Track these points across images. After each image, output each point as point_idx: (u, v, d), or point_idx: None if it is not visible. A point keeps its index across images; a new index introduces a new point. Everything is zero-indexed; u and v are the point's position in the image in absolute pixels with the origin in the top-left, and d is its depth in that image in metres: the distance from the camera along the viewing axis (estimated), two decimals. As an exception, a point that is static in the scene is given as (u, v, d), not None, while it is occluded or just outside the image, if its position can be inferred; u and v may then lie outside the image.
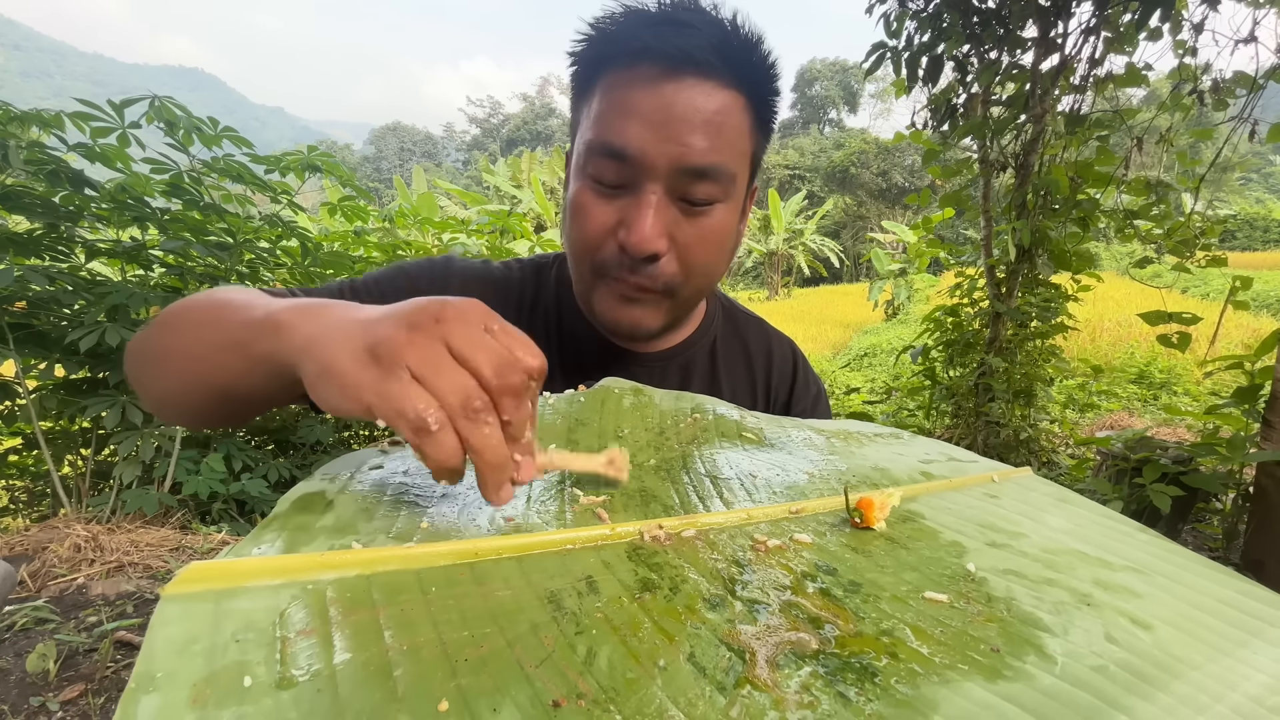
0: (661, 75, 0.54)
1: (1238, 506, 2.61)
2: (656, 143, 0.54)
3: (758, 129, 0.61)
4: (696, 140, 0.54)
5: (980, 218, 3.85)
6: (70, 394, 2.66)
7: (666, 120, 0.54)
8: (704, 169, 0.55)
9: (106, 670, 1.77)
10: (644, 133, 0.54)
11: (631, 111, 0.54)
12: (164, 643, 0.27)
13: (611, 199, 0.58)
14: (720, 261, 0.63)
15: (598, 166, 0.57)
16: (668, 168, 0.55)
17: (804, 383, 0.81)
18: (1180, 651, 0.32)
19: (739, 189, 0.61)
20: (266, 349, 0.43)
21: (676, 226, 0.58)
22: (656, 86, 0.54)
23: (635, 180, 0.56)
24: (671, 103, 0.53)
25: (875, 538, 0.42)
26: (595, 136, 0.56)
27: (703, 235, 0.59)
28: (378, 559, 0.35)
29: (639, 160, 0.55)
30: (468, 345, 0.35)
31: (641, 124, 0.54)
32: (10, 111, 2.36)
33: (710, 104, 0.55)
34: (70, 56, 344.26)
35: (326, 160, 2.91)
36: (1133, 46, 3.26)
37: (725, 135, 0.56)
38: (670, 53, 0.53)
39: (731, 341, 0.79)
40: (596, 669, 0.29)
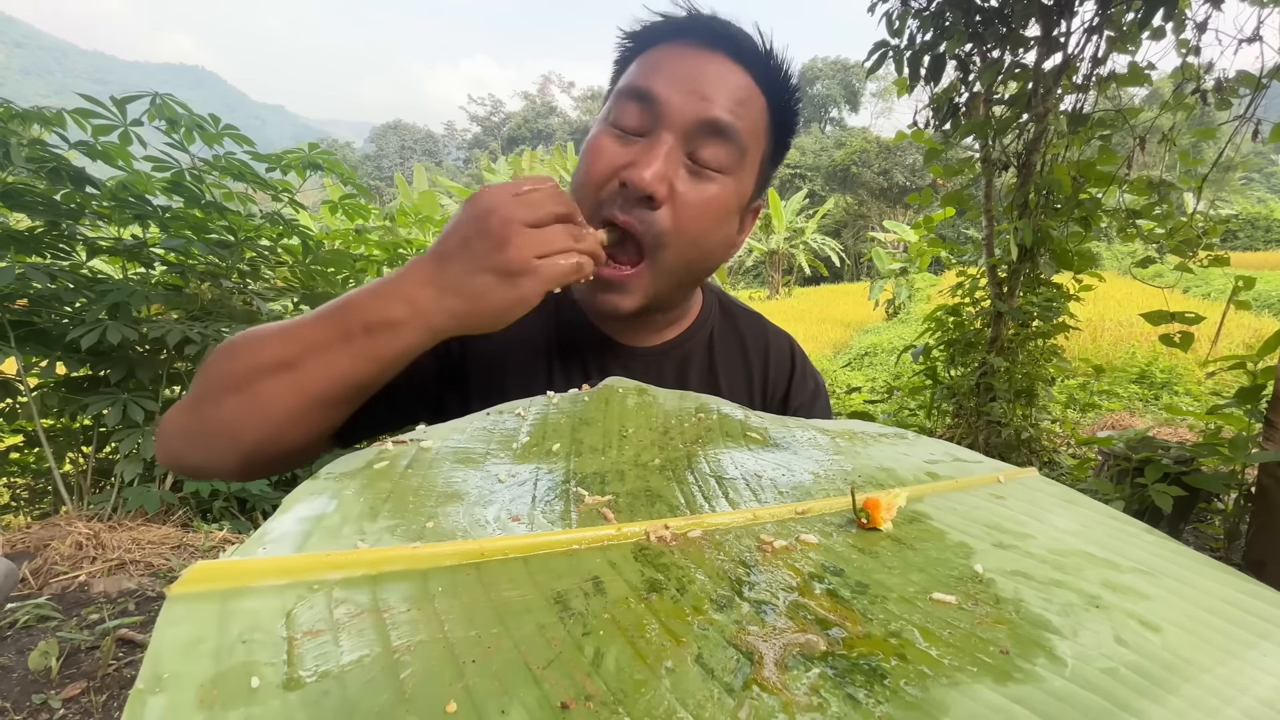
0: (699, 46, 0.59)
1: (1239, 507, 2.61)
2: (683, 94, 0.57)
3: (772, 136, 0.64)
4: (720, 100, 0.58)
5: (982, 217, 3.85)
6: (71, 392, 2.66)
7: (697, 79, 0.58)
8: (722, 125, 0.58)
9: (108, 668, 1.78)
10: (673, 84, 0.58)
11: (665, 67, 0.59)
12: (170, 643, 0.27)
13: (627, 144, 0.59)
14: (710, 236, 0.63)
15: (621, 110, 0.59)
16: (688, 120, 0.58)
17: (801, 377, 0.81)
18: (1189, 654, 0.32)
19: (745, 171, 0.62)
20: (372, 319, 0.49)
21: (681, 180, 0.59)
22: (693, 52, 0.58)
23: (654, 127, 0.58)
24: (704, 67, 0.58)
25: (882, 538, 0.42)
26: (626, 84, 0.60)
27: (702, 197, 0.60)
28: (383, 559, 0.34)
29: (663, 105, 0.57)
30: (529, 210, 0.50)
31: (671, 77, 0.58)
32: (12, 109, 2.36)
33: (738, 80, 0.59)
34: (71, 54, 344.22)
35: (327, 158, 2.91)
36: (1135, 45, 3.25)
37: (746, 110, 0.59)
38: (710, 29, 0.59)
39: (728, 336, 0.79)
40: (604, 670, 0.29)
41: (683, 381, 0.74)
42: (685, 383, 0.74)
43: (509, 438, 0.53)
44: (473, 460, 0.49)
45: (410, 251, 3.89)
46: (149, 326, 2.53)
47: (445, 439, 0.52)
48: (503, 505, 0.42)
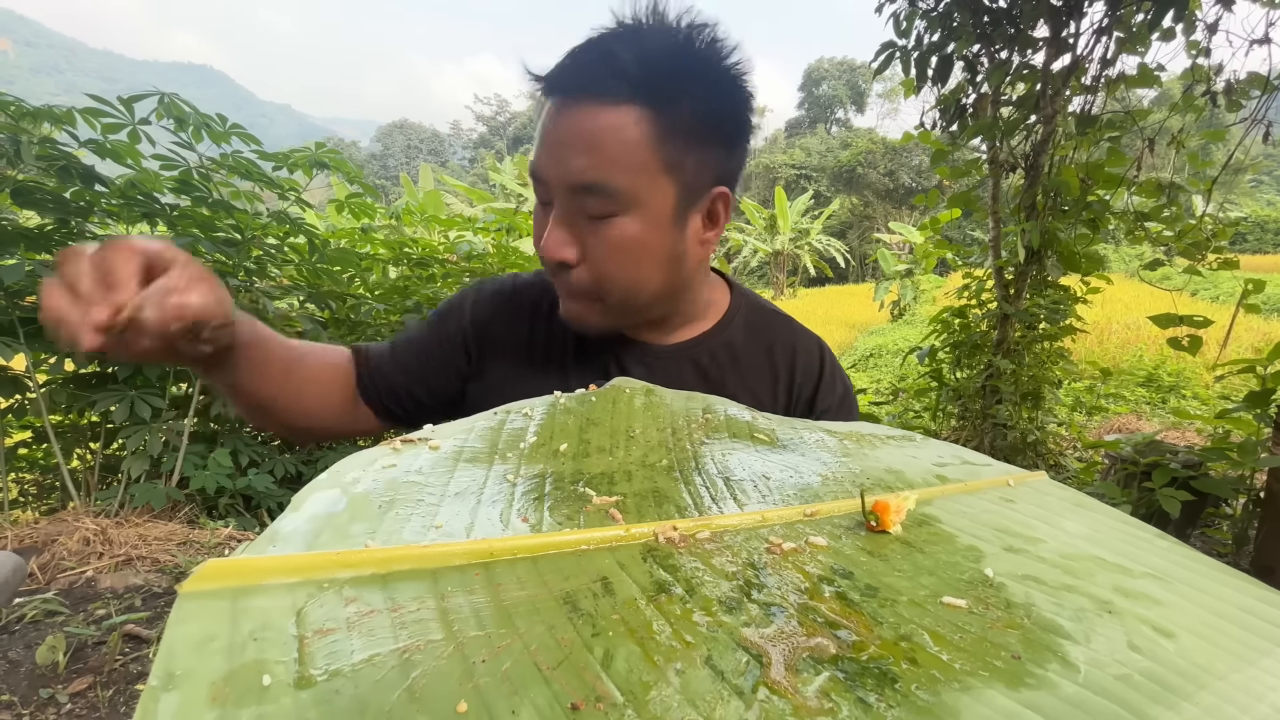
0: (560, 104, 0.61)
1: (1248, 512, 2.59)
2: (550, 165, 0.62)
3: (679, 145, 0.62)
4: (576, 160, 0.60)
5: (989, 219, 3.83)
6: (79, 388, 2.67)
7: (555, 143, 0.61)
8: (586, 185, 0.61)
9: (115, 663, 1.79)
10: (544, 156, 0.62)
11: (542, 138, 0.63)
12: (182, 640, 0.27)
13: (546, 212, 0.65)
14: (638, 269, 0.65)
15: (538, 192, 0.65)
16: (561, 186, 0.62)
17: (830, 380, 0.80)
18: (1204, 660, 0.32)
19: (643, 198, 0.62)
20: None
21: (587, 237, 0.63)
22: (555, 114, 0.61)
23: (549, 197, 0.64)
24: (561, 128, 0.61)
25: (891, 541, 0.42)
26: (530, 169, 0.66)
27: (607, 245, 0.63)
28: (393, 558, 0.34)
29: (545, 181, 0.63)
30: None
31: (544, 149, 0.62)
32: (22, 108, 2.37)
33: (593, 124, 0.59)
34: (81, 53, 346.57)
35: (334, 157, 2.92)
36: (1145, 47, 3.23)
37: (608, 152, 0.60)
38: (565, 82, 0.61)
39: (755, 337, 0.79)
40: (614, 671, 0.29)
41: (699, 381, 0.74)
42: (706, 380, 0.75)
43: (516, 437, 0.53)
44: (481, 460, 0.49)
45: (415, 250, 3.90)
46: (156, 324, 2.54)
47: (453, 438, 0.52)
48: (511, 505, 0.42)
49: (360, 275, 3.71)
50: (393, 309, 3.58)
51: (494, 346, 0.77)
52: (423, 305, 3.54)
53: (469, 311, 0.79)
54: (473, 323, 0.78)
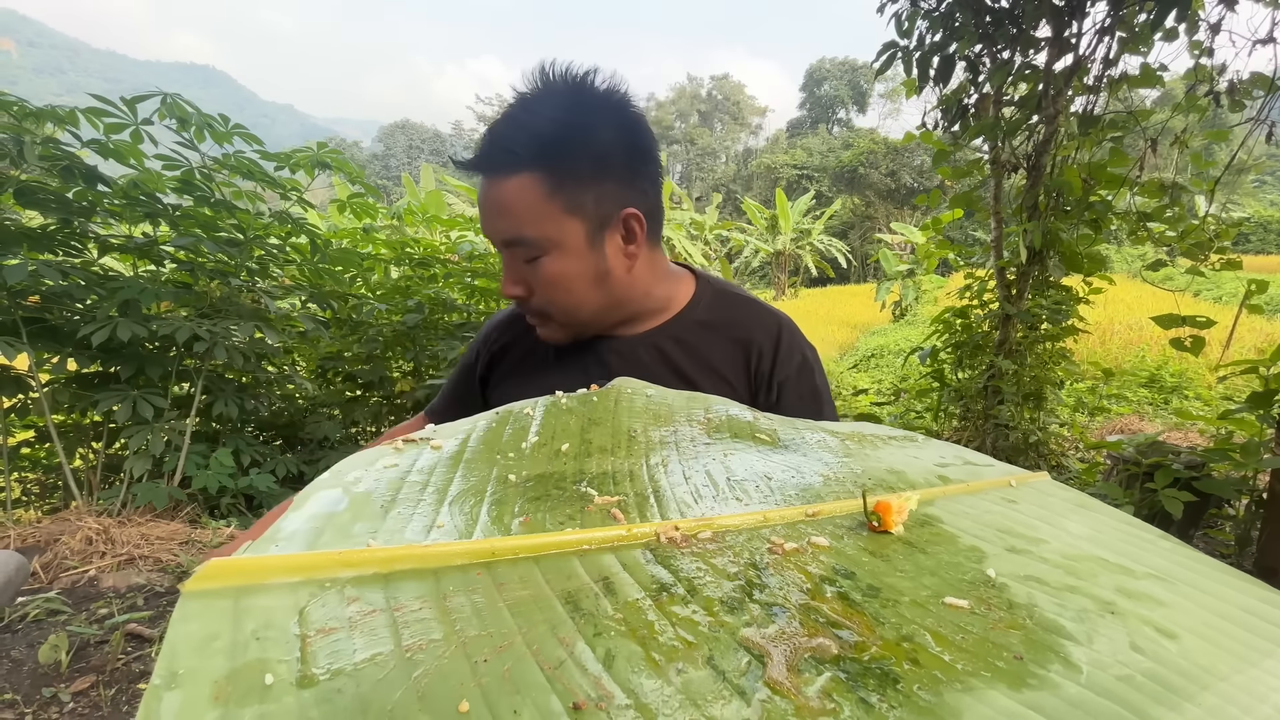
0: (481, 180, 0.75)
1: (1251, 513, 2.58)
2: (485, 227, 0.77)
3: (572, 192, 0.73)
4: (496, 223, 0.75)
5: (991, 219, 3.82)
6: (82, 388, 2.68)
7: (482, 211, 0.77)
8: (508, 240, 0.75)
9: (117, 662, 1.79)
10: (482, 219, 0.77)
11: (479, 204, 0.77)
12: (185, 639, 0.27)
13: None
14: (570, 294, 0.78)
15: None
16: (496, 242, 0.77)
17: (787, 351, 0.84)
18: (1206, 661, 0.32)
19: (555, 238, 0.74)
20: None
21: (528, 277, 0.77)
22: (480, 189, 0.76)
23: (503, 250, 0.78)
24: (482, 199, 0.76)
25: (893, 541, 0.42)
26: None
27: (542, 281, 0.76)
28: (395, 558, 0.34)
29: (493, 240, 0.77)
30: None
31: (480, 213, 0.77)
32: (25, 108, 2.38)
33: (500, 194, 0.73)
34: (84, 53, 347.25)
35: (336, 157, 2.92)
36: (1148, 47, 3.22)
37: (515, 213, 0.73)
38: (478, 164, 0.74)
39: (715, 321, 0.86)
40: (616, 671, 0.29)
41: (665, 361, 0.83)
42: (668, 362, 0.83)
43: (518, 437, 0.53)
44: (483, 460, 0.49)
45: (417, 250, 3.90)
46: (159, 324, 2.55)
47: (455, 438, 0.52)
48: (513, 505, 0.43)
49: (362, 275, 3.71)
50: (394, 309, 3.59)
51: (500, 358, 0.92)
52: (424, 305, 3.55)
53: (486, 332, 0.95)
54: (485, 340, 0.94)
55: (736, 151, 54.65)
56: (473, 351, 0.95)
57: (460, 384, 0.96)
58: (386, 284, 3.82)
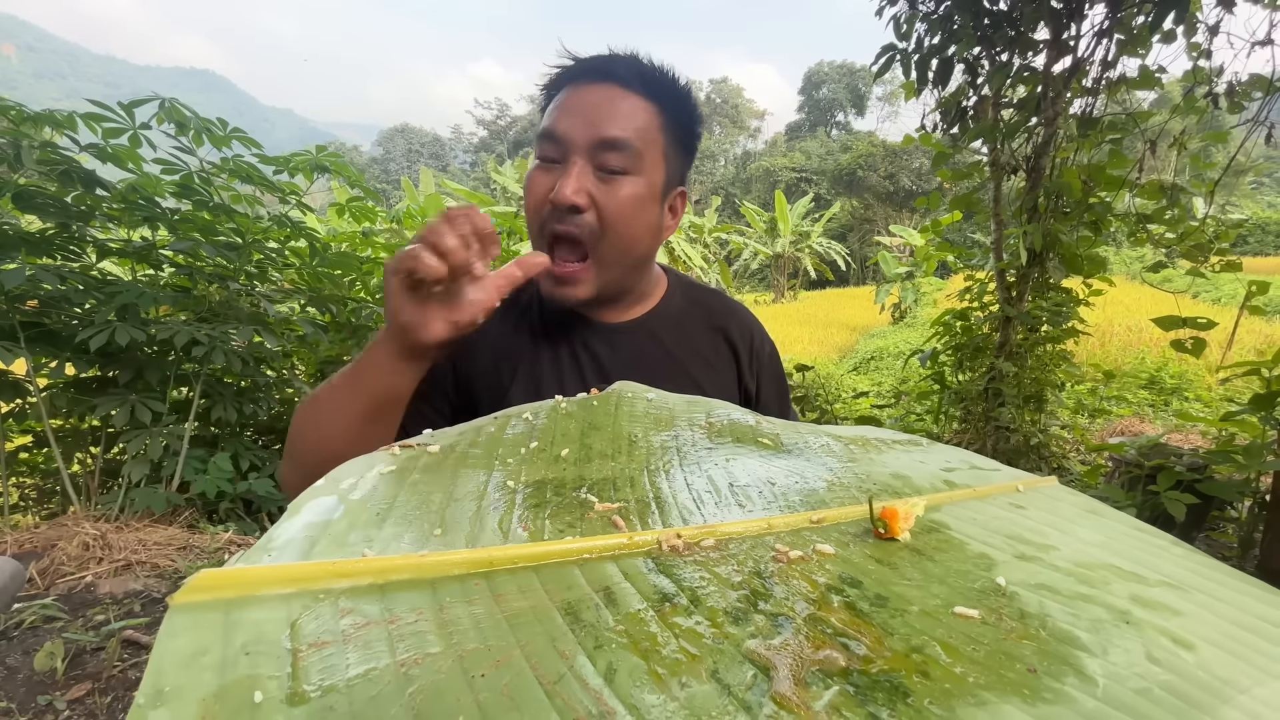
0: (586, 83, 0.74)
1: (1254, 515, 2.57)
2: (578, 125, 0.73)
3: (672, 138, 0.77)
4: (607, 121, 0.72)
5: (990, 221, 3.82)
6: (80, 392, 2.67)
7: (586, 108, 0.73)
8: (612, 140, 0.72)
9: (113, 669, 1.77)
10: (570, 118, 0.73)
11: (565, 107, 0.74)
12: (172, 655, 0.26)
13: (549, 172, 0.74)
14: (633, 223, 0.76)
15: (541, 148, 0.75)
16: (585, 142, 0.72)
17: (760, 340, 0.93)
18: (1225, 673, 0.31)
19: (649, 169, 0.75)
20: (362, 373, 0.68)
21: (596, 189, 0.73)
22: (581, 89, 0.74)
23: (564, 155, 0.73)
24: (591, 98, 0.73)
25: (900, 549, 0.41)
26: (541, 127, 0.75)
27: (616, 196, 0.73)
28: (390, 568, 0.34)
29: (565, 138, 0.72)
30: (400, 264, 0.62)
31: (569, 113, 0.73)
32: (24, 112, 2.38)
33: (622, 101, 0.73)
34: (83, 58, 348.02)
35: (335, 161, 2.92)
36: (1146, 49, 3.23)
37: (632, 122, 0.73)
38: (596, 67, 0.75)
39: (694, 308, 0.91)
40: (617, 686, 0.28)
41: (658, 345, 0.85)
42: (662, 347, 0.85)
43: (517, 442, 0.52)
44: (481, 466, 0.48)
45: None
46: (157, 328, 2.54)
47: (453, 444, 0.51)
48: (511, 512, 0.42)
49: (361, 279, 3.71)
50: (394, 312, 3.57)
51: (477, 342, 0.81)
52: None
53: None
54: None
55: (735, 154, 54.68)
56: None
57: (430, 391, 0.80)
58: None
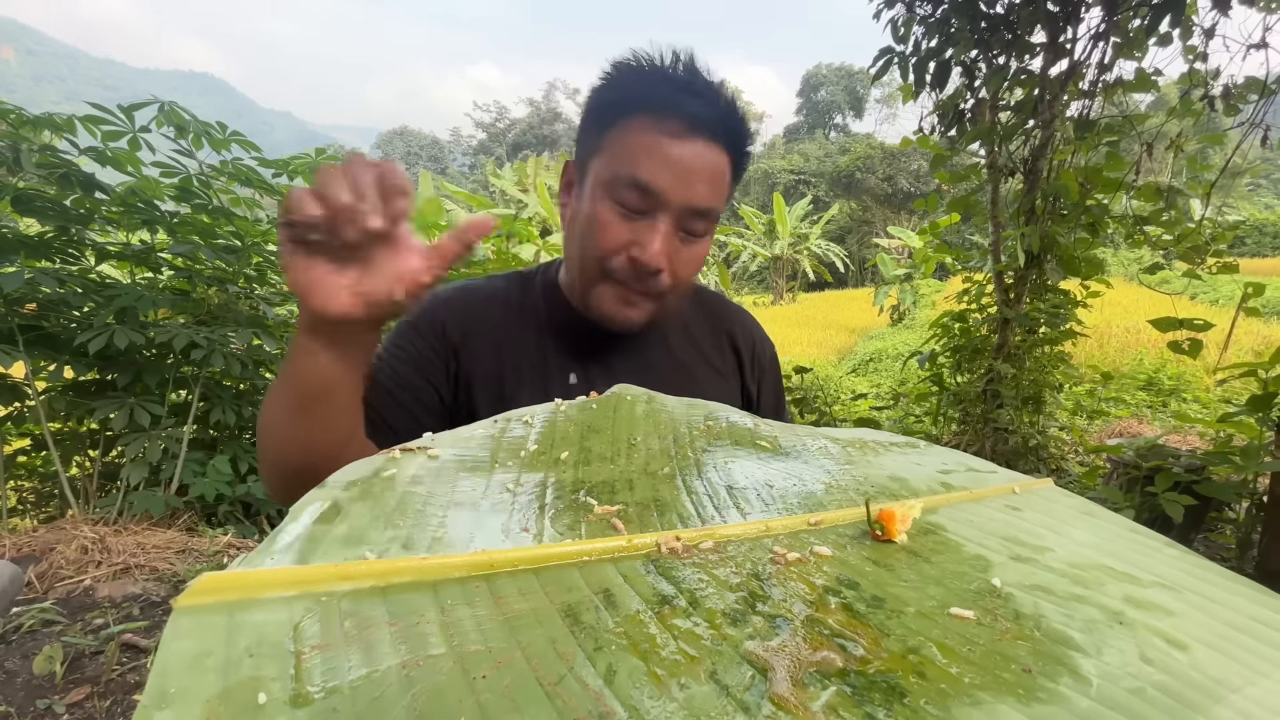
0: (684, 133, 0.69)
1: (1251, 516, 2.58)
2: (677, 187, 0.70)
3: (734, 183, 0.77)
4: (703, 189, 0.71)
5: (988, 223, 3.83)
6: (79, 395, 2.67)
7: (686, 171, 0.70)
8: (704, 210, 0.72)
9: (112, 673, 1.77)
10: (669, 177, 0.69)
11: (661, 158, 0.69)
12: (177, 657, 0.27)
13: (628, 221, 0.71)
14: (696, 276, 0.80)
15: (625, 195, 0.70)
16: (680, 207, 0.70)
17: (762, 344, 0.96)
18: (1218, 673, 0.31)
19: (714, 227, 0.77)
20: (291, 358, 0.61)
21: (675, 250, 0.73)
22: (680, 142, 0.69)
23: (652, 210, 0.70)
24: (691, 158, 0.70)
25: (897, 551, 0.41)
26: (628, 172, 0.70)
27: (692, 259, 0.75)
28: (392, 570, 0.34)
29: (661, 197, 0.70)
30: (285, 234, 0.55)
31: (668, 170, 0.69)
32: (22, 116, 2.38)
33: (714, 162, 0.72)
34: (82, 61, 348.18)
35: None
36: (1142, 52, 3.24)
37: (718, 186, 0.73)
38: (691, 116, 0.69)
39: (699, 315, 0.93)
40: (617, 687, 0.28)
41: (666, 352, 0.87)
42: (668, 348, 0.87)
43: (517, 446, 0.53)
44: (481, 469, 0.48)
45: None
46: (156, 331, 2.54)
47: (453, 447, 0.51)
48: (512, 515, 0.42)
49: (360, 282, 3.71)
50: (393, 315, 3.58)
51: (478, 343, 0.80)
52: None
53: (443, 313, 0.81)
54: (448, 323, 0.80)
55: (734, 157, 54.67)
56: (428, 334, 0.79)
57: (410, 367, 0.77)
58: (385, 290, 3.82)
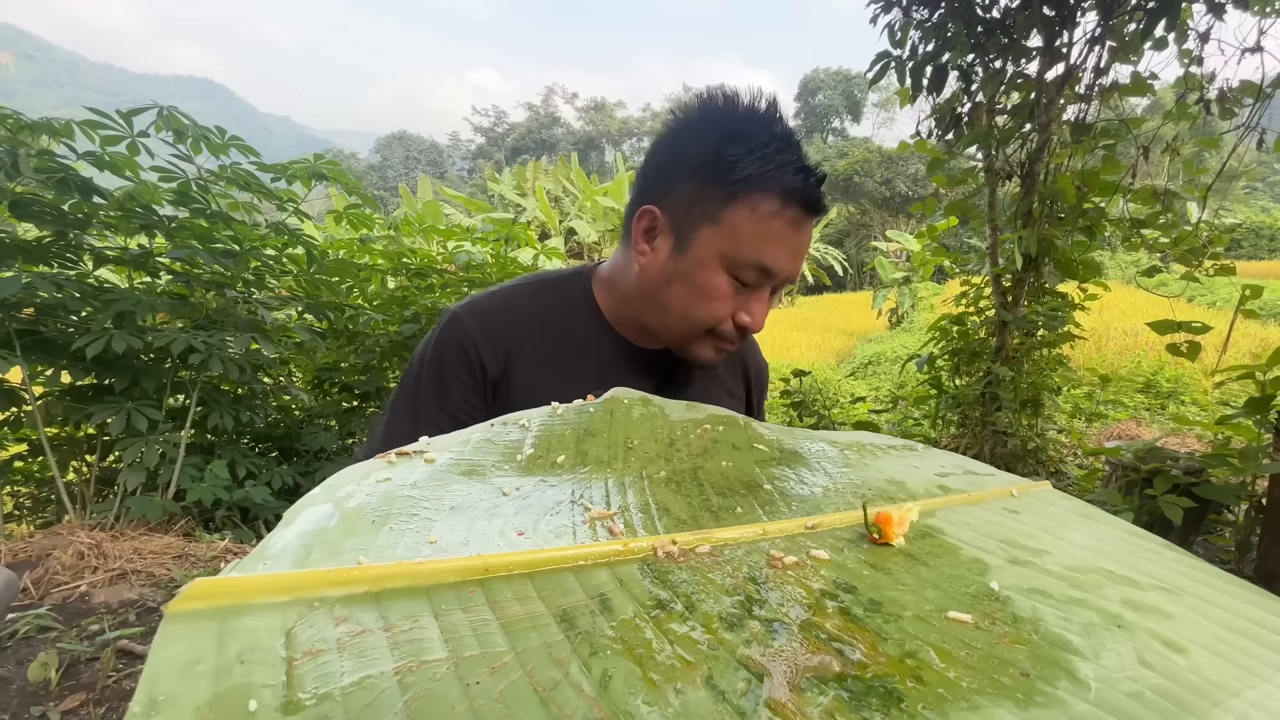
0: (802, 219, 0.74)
1: (1250, 518, 2.58)
2: (788, 267, 0.75)
3: None
4: (799, 264, 0.77)
5: (986, 226, 3.84)
6: (76, 400, 2.66)
7: (796, 254, 0.75)
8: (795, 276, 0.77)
9: (108, 680, 1.76)
10: (786, 260, 0.75)
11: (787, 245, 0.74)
12: (167, 663, 0.26)
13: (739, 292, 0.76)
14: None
15: (747, 274, 0.74)
16: (784, 280, 0.76)
17: (765, 365, 1.02)
18: (1217, 676, 0.31)
19: None
20: None
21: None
22: (801, 225, 0.74)
23: (761, 284, 0.75)
24: (804, 238, 0.75)
25: (894, 554, 0.41)
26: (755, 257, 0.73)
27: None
28: (386, 575, 0.34)
29: (776, 277, 0.75)
30: None
31: (787, 255, 0.74)
32: (21, 121, 2.38)
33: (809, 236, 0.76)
34: (82, 66, 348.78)
35: (333, 169, 2.92)
36: (1138, 56, 3.26)
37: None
38: (811, 203, 0.73)
39: None
40: (612, 693, 0.28)
41: (688, 370, 0.88)
42: (689, 372, 0.88)
43: (513, 449, 0.53)
44: (477, 473, 0.48)
45: (414, 261, 3.90)
46: (154, 335, 2.53)
47: (449, 451, 0.51)
48: (507, 519, 0.42)
49: (359, 286, 3.71)
50: (391, 319, 3.58)
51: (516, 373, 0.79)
52: (421, 315, 3.54)
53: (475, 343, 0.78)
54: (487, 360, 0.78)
55: (732, 161, 54.73)
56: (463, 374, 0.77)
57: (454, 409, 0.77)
58: (383, 294, 3.82)
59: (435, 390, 0.78)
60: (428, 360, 0.80)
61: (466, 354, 0.78)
